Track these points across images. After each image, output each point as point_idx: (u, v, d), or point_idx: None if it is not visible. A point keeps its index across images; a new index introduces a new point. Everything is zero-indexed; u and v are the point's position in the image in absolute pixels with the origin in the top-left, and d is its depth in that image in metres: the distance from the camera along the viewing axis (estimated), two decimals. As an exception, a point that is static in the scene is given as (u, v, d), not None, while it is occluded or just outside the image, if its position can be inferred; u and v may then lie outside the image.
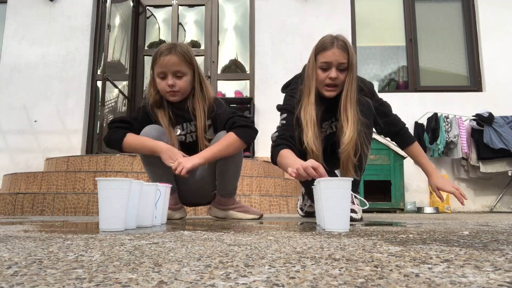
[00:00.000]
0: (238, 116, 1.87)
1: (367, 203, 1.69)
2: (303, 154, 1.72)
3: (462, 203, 1.78)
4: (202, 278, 0.45)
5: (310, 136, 1.70)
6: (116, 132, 1.82)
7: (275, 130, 1.84)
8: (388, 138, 2.01)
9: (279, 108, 1.89)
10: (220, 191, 1.99)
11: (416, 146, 1.99)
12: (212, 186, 2.00)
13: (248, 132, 1.84)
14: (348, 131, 1.69)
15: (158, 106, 1.90)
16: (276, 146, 1.74)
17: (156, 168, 1.84)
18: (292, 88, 1.90)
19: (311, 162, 1.44)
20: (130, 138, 1.79)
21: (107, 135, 1.85)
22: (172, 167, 1.68)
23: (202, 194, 2.03)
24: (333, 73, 1.72)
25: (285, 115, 1.83)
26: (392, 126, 1.98)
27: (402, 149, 2.05)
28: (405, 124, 2.02)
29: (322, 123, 1.87)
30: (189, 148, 1.90)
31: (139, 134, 1.83)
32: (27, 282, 0.43)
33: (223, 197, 2.00)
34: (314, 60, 1.78)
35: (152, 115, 1.89)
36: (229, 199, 2.01)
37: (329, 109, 1.84)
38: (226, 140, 1.79)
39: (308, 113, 1.74)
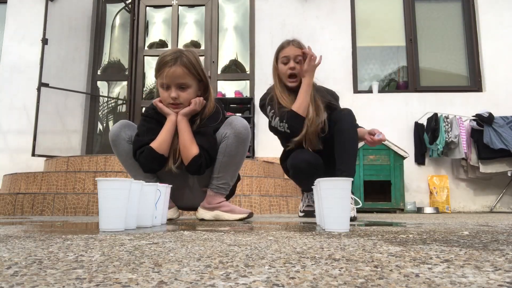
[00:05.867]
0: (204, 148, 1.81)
1: (359, 201, 1.74)
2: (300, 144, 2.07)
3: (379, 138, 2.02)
4: (202, 278, 0.45)
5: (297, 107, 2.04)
6: (142, 154, 1.80)
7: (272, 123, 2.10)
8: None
9: (270, 117, 2.13)
10: (211, 181, 1.89)
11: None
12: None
13: (195, 161, 1.78)
14: (311, 109, 2.06)
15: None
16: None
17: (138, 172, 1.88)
18: (264, 98, 2.22)
19: None
20: (155, 144, 1.79)
21: (142, 163, 1.81)
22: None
23: (197, 195, 1.95)
24: (292, 63, 2.12)
25: (272, 111, 2.12)
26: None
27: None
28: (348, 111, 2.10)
29: None
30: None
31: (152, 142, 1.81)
32: (27, 282, 0.43)
33: (212, 190, 1.88)
34: (276, 61, 2.21)
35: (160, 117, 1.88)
36: (216, 196, 1.88)
37: None
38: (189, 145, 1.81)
39: (284, 100, 2.11)
